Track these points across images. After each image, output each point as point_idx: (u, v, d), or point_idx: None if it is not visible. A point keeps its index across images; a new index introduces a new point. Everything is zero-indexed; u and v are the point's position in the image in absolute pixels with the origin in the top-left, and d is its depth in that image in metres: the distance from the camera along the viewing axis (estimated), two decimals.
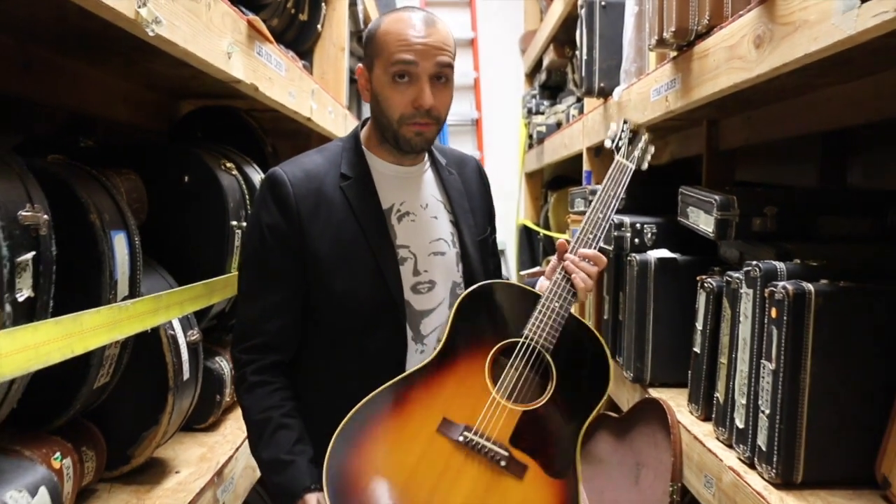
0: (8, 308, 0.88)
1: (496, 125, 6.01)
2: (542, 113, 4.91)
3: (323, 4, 2.86)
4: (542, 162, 4.81)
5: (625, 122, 1.80)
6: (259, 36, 1.68)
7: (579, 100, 4.02)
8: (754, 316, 1.53)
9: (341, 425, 1.33)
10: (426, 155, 1.59)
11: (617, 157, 1.67)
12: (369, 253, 1.44)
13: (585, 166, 3.24)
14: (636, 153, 1.71)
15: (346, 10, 3.11)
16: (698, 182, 2.46)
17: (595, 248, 1.53)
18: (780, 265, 1.52)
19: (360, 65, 1.50)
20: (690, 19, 1.72)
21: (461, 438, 1.34)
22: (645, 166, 1.75)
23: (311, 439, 1.42)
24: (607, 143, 1.76)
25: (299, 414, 1.44)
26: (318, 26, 2.87)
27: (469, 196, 1.62)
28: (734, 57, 1.50)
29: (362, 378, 1.42)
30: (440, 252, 1.54)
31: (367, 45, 1.48)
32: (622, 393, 2.41)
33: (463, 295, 1.46)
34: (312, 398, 1.48)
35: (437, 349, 1.43)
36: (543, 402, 1.41)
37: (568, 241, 1.58)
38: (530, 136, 5.35)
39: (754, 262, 1.55)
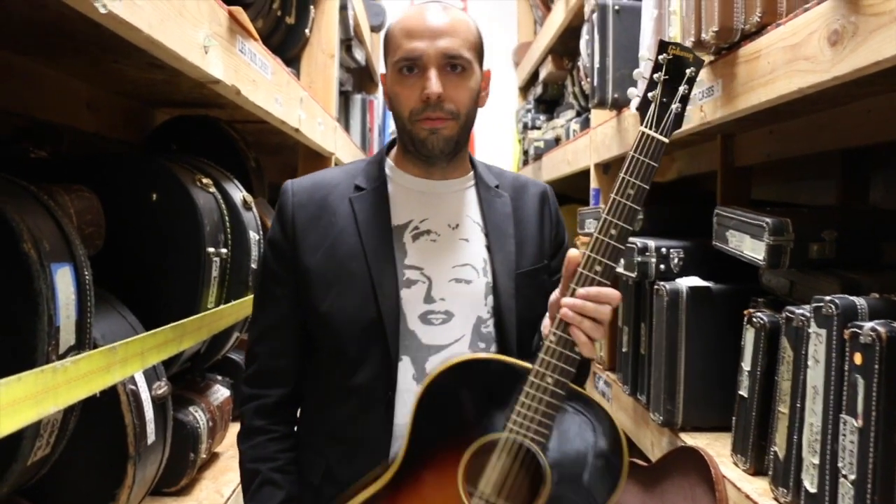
0: None
1: (488, 141, 5.85)
2: (539, 128, 4.73)
3: (311, 7, 2.63)
4: (540, 179, 4.60)
5: (667, 48, 1.26)
6: (242, 30, 1.44)
7: (580, 113, 3.83)
8: (829, 361, 1.30)
9: None
10: (470, 172, 1.41)
11: (642, 129, 1.22)
12: (366, 270, 1.27)
13: (593, 184, 3.03)
14: (671, 115, 1.22)
15: (336, 14, 2.88)
16: (707, 200, 2.27)
17: (608, 278, 1.17)
18: (860, 301, 1.29)
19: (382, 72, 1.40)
20: (735, 18, 1.51)
21: None
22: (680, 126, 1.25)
23: (303, 476, 1.33)
24: (633, 104, 1.30)
25: (293, 467, 1.33)
26: (307, 31, 2.64)
27: (518, 222, 1.38)
28: (798, 58, 1.28)
29: (347, 420, 1.29)
30: (465, 279, 1.33)
31: (383, 48, 1.38)
32: (646, 436, 2.17)
33: (423, 385, 1.15)
34: (304, 435, 1.37)
35: (394, 465, 1.15)
36: None
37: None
38: (525, 152, 5.14)
39: (827, 298, 1.31)
